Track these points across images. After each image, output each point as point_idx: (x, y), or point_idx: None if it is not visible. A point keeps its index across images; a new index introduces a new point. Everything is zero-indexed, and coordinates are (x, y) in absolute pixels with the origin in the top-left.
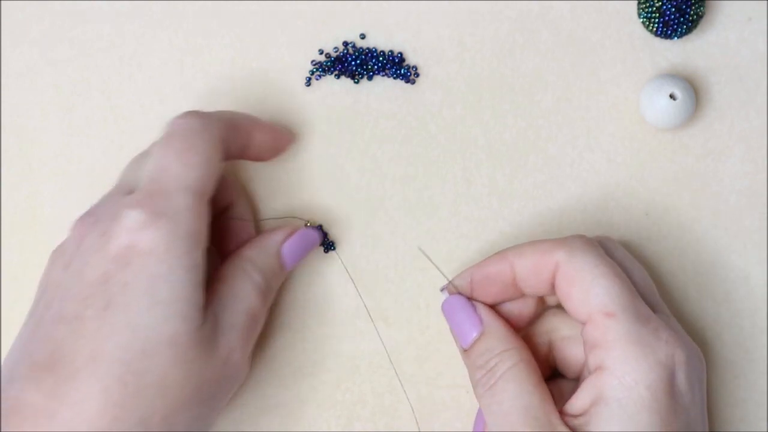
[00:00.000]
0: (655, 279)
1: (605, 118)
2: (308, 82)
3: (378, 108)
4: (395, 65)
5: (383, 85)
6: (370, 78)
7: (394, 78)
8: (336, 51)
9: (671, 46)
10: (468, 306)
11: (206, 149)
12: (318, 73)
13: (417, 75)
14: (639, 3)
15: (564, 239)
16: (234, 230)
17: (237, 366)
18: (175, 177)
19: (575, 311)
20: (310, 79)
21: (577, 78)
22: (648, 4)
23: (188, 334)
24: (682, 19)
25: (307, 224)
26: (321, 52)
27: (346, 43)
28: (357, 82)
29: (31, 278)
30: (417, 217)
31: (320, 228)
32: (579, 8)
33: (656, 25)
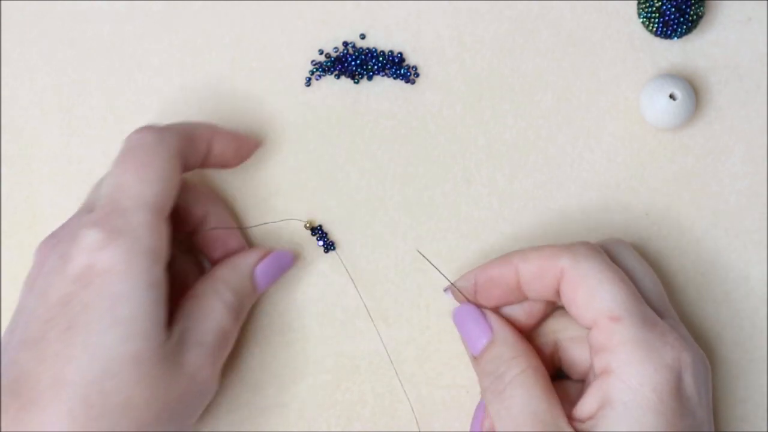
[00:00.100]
0: None
1: (605, 118)
2: (308, 82)
3: (378, 108)
4: (395, 65)
5: (383, 85)
6: (370, 78)
7: (394, 78)
8: (336, 51)
9: (671, 46)
10: (478, 314)
11: (162, 164)
12: (318, 73)
13: (417, 75)
14: (639, 3)
15: (569, 245)
16: (220, 239)
17: (204, 383)
18: (132, 194)
19: (580, 316)
20: (310, 79)
21: (577, 78)
22: (648, 4)
23: (151, 352)
24: (682, 19)
25: (307, 225)
26: (321, 52)
27: (346, 43)
28: (357, 82)
29: None
30: (417, 217)
31: (320, 228)
32: (579, 8)
33: (656, 25)
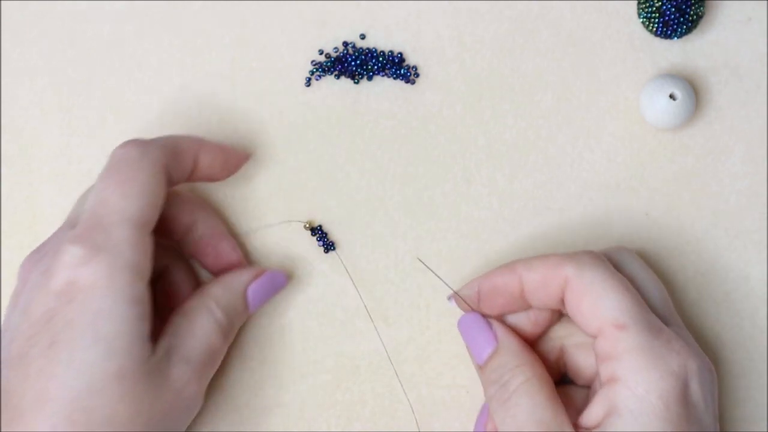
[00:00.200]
0: None
1: (605, 118)
2: (308, 83)
3: (378, 108)
4: (395, 65)
5: (383, 86)
6: (370, 78)
7: (394, 78)
8: (336, 51)
9: (671, 46)
10: (482, 323)
11: (146, 179)
12: (318, 74)
13: (417, 75)
14: (639, 3)
15: (572, 254)
16: (211, 245)
17: (190, 399)
18: (115, 209)
19: (586, 325)
20: (310, 80)
21: (577, 78)
22: (648, 4)
23: (135, 368)
24: (682, 19)
25: (306, 225)
26: (321, 53)
27: (346, 44)
28: (357, 83)
29: None
30: (417, 217)
31: (320, 228)
32: (579, 8)
33: (656, 25)
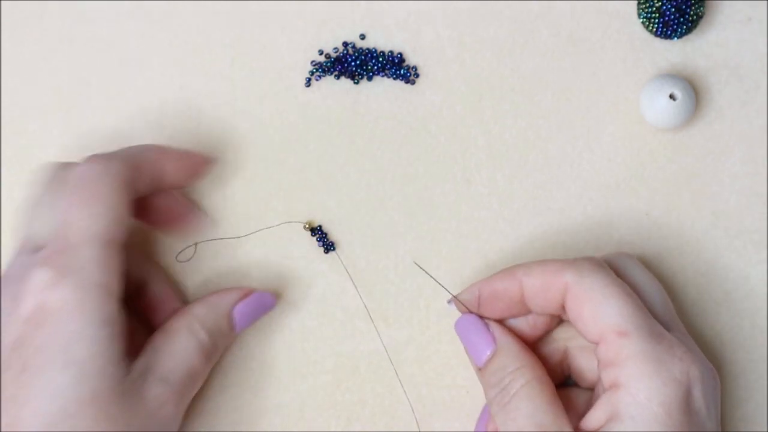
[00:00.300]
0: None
1: (605, 118)
2: (308, 83)
3: (378, 108)
4: (395, 65)
5: (383, 86)
6: (370, 78)
7: (394, 78)
8: (336, 51)
9: (671, 46)
10: (481, 325)
11: (110, 195)
12: (318, 74)
13: (417, 75)
14: (639, 3)
15: (573, 260)
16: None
17: (166, 420)
18: (81, 229)
19: (587, 332)
20: (310, 80)
21: (577, 78)
22: (648, 4)
23: (108, 390)
24: (682, 19)
25: (306, 226)
26: (321, 53)
27: (346, 44)
28: (357, 83)
29: None
30: (417, 218)
31: (320, 228)
32: (579, 8)
33: (656, 25)
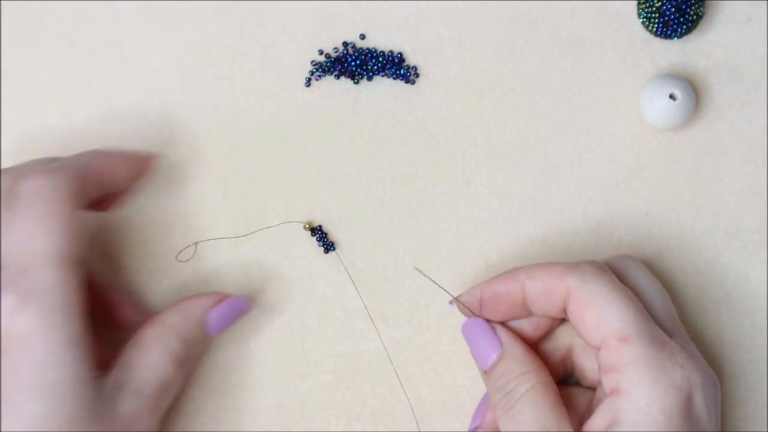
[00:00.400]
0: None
1: (605, 118)
2: (308, 83)
3: (378, 108)
4: (395, 65)
5: (383, 86)
6: (370, 78)
7: (394, 78)
8: (336, 51)
9: (671, 46)
10: (487, 328)
11: (62, 211)
12: (318, 74)
13: (417, 75)
14: (639, 3)
15: (575, 264)
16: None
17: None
18: (38, 250)
19: (589, 336)
20: (310, 80)
21: (577, 78)
22: (648, 4)
23: (84, 412)
24: (682, 19)
25: (306, 226)
26: (321, 53)
27: (346, 44)
28: (357, 83)
29: None
30: (417, 218)
31: (320, 228)
32: (579, 8)
33: (656, 25)
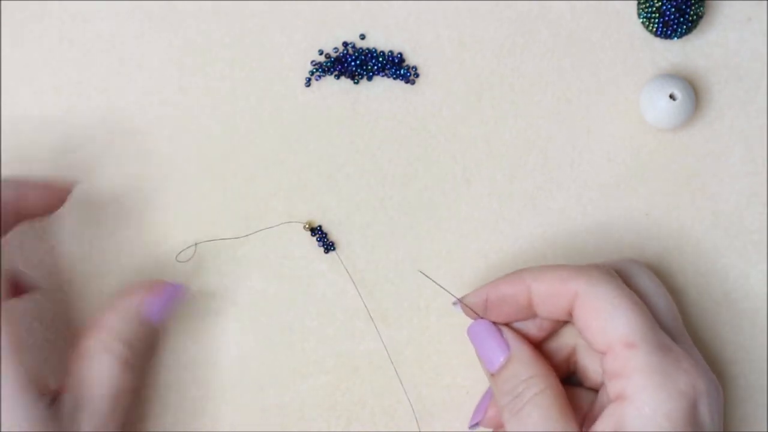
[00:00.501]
0: None
1: (605, 118)
2: (308, 83)
3: (378, 108)
4: (395, 65)
5: (383, 86)
6: (370, 78)
7: (394, 78)
8: (336, 51)
9: (671, 46)
10: (494, 330)
11: None
12: (318, 74)
13: (417, 75)
14: (639, 3)
15: (582, 268)
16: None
17: None
18: None
19: (594, 341)
20: (310, 80)
21: (577, 78)
22: (648, 4)
23: None
24: (682, 19)
25: (306, 226)
26: (321, 53)
27: (346, 44)
28: (357, 83)
29: None
30: (417, 218)
31: (320, 229)
32: (579, 8)
33: (656, 25)
